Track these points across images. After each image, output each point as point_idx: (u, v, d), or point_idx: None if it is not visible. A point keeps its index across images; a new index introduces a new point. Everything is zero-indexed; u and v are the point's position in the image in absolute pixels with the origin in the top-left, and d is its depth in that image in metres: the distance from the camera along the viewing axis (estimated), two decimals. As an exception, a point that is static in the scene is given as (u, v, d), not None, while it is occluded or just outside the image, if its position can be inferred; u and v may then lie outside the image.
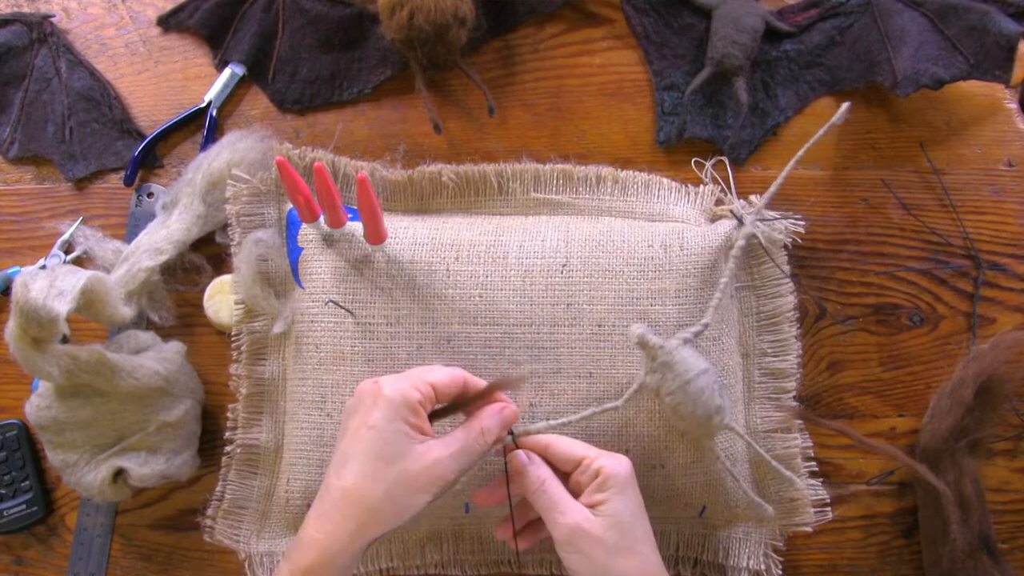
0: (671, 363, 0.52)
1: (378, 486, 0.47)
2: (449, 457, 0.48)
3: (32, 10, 0.71)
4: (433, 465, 0.47)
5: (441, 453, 0.48)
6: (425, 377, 0.50)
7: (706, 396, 0.52)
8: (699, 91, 0.68)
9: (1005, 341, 0.64)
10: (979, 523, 0.61)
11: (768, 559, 0.63)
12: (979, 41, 0.63)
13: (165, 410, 0.60)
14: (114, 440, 0.60)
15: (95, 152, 0.69)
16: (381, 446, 0.48)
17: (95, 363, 0.57)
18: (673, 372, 0.52)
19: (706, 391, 0.52)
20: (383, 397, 0.48)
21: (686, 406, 0.52)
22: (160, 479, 0.60)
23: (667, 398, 0.53)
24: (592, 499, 0.51)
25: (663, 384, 0.52)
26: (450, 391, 0.51)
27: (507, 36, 0.71)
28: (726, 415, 0.54)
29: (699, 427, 0.54)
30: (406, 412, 0.48)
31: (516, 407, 0.52)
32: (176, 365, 0.62)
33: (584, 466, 0.52)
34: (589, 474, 0.52)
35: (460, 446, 0.49)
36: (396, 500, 0.47)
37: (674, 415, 0.53)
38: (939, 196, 0.68)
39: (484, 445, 0.50)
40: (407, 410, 0.48)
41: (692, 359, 0.53)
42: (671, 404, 0.53)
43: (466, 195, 0.66)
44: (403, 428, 0.48)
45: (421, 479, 0.47)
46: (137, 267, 0.62)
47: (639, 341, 0.53)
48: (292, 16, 0.70)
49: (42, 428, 0.58)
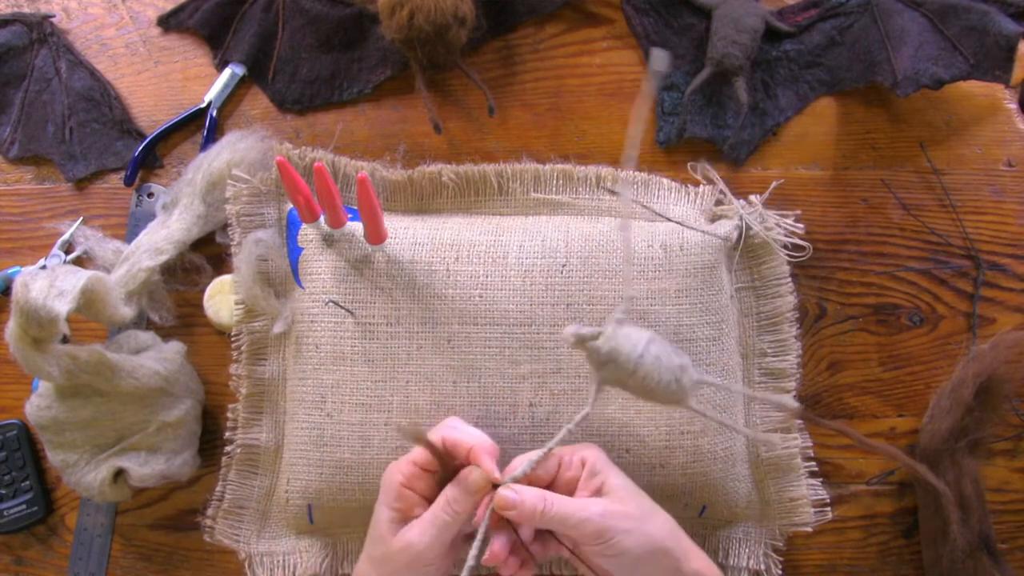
0: (616, 347, 0.49)
1: (371, 567, 0.51)
2: (419, 533, 0.49)
3: (32, 10, 0.71)
4: (407, 547, 0.49)
5: (412, 534, 0.49)
6: (409, 456, 0.52)
7: (664, 360, 0.49)
8: (699, 91, 0.68)
9: (1005, 341, 0.64)
10: (979, 523, 0.61)
11: (768, 559, 0.63)
12: (979, 41, 0.63)
13: (165, 410, 0.60)
14: (114, 440, 0.60)
15: (95, 152, 0.69)
16: (371, 529, 0.52)
17: (95, 363, 0.57)
18: (622, 354, 0.49)
19: (663, 356, 0.49)
20: (382, 482, 0.53)
21: (651, 379, 0.49)
22: (160, 479, 0.60)
23: (630, 381, 0.50)
24: (591, 485, 0.51)
25: (619, 371, 0.49)
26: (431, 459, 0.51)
27: (507, 36, 0.71)
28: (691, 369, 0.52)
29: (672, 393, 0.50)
30: (389, 498, 0.51)
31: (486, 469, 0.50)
32: (176, 365, 0.62)
33: (566, 464, 0.53)
34: (575, 466, 0.52)
35: (429, 519, 0.50)
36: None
37: (645, 394, 0.50)
38: (939, 196, 0.68)
39: (453, 514, 0.49)
40: (390, 496, 0.51)
41: (634, 333, 0.50)
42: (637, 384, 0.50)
43: (466, 195, 0.66)
44: (386, 512, 0.51)
45: (400, 559, 0.49)
46: (137, 267, 0.62)
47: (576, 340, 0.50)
48: (292, 16, 0.70)
49: (42, 428, 0.58)
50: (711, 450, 0.59)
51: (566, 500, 0.50)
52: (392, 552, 0.50)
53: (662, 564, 0.50)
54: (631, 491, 0.51)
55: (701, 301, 0.60)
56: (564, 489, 0.52)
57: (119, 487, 0.60)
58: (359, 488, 0.59)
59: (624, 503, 0.50)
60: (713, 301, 0.60)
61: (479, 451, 0.51)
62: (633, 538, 0.48)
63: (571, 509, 0.49)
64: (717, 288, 0.61)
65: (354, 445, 0.59)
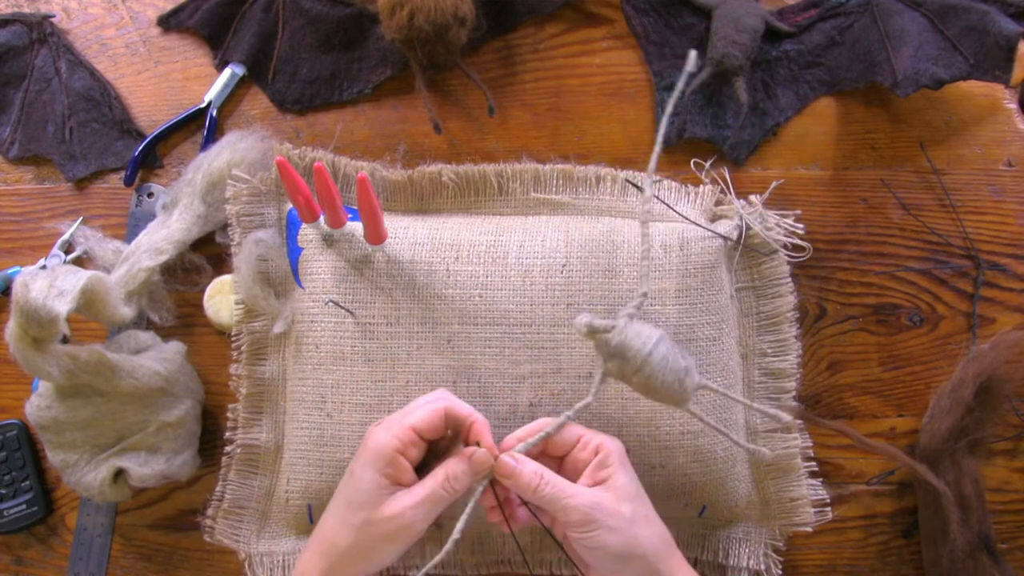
0: (625, 342, 0.50)
1: (347, 532, 0.49)
2: (414, 506, 0.48)
3: (32, 10, 0.71)
4: (398, 515, 0.48)
5: (406, 503, 0.48)
6: (406, 421, 0.50)
7: (671, 361, 0.50)
8: (699, 91, 0.68)
9: (1005, 341, 0.64)
10: (979, 523, 0.61)
11: (768, 559, 0.63)
12: (979, 41, 0.63)
13: (165, 410, 0.60)
14: (114, 440, 0.60)
15: (95, 152, 0.69)
16: (351, 493, 0.50)
17: (95, 363, 0.57)
18: (631, 350, 0.50)
19: (669, 357, 0.50)
20: (366, 446, 0.50)
21: (655, 378, 0.50)
22: (160, 479, 0.60)
23: (634, 377, 0.51)
24: (597, 476, 0.51)
25: (625, 365, 0.50)
26: (433, 427, 0.50)
27: (507, 36, 0.71)
28: (695, 372, 0.52)
29: (674, 394, 0.51)
30: (381, 463, 0.49)
31: (489, 446, 0.50)
32: (176, 365, 0.62)
33: (583, 443, 0.52)
34: (589, 450, 0.51)
35: (426, 494, 0.49)
36: (363, 547, 0.49)
37: (647, 391, 0.51)
38: (939, 196, 0.68)
39: (452, 492, 0.49)
40: (382, 461, 0.49)
41: (645, 330, 0.51)
42: (641, 381, 0.51)
43: (466, 195, 0.66)
44: (375, 477, 0.49)
45: (386, 528, 0.48)
46: (137, 267, 0.62)
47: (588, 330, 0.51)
48: (292, 16, 0.70)
49: (42, 428, 0.59)
50: (711, 450, 0.59)
51: (561, 482, 0.50)
52: (379, 519, 0.48)
53: (640, 570, 0.49)
54: (633, 494, 0.51)
55: (701, 301, 0.60)
56: (570, 468, 0.52)
57: (119, 487, 0.60)
58: (359, 488, 0.59)
59: (619, 502, 0.49)
60: (713, 301, 0.60)
61: (481, 427, 0.50)
62: (615, 536, 0.48)
63: (563, 492, 0.49)
64: (717, 288, 0.61)
65: (354, 445, 0.59)
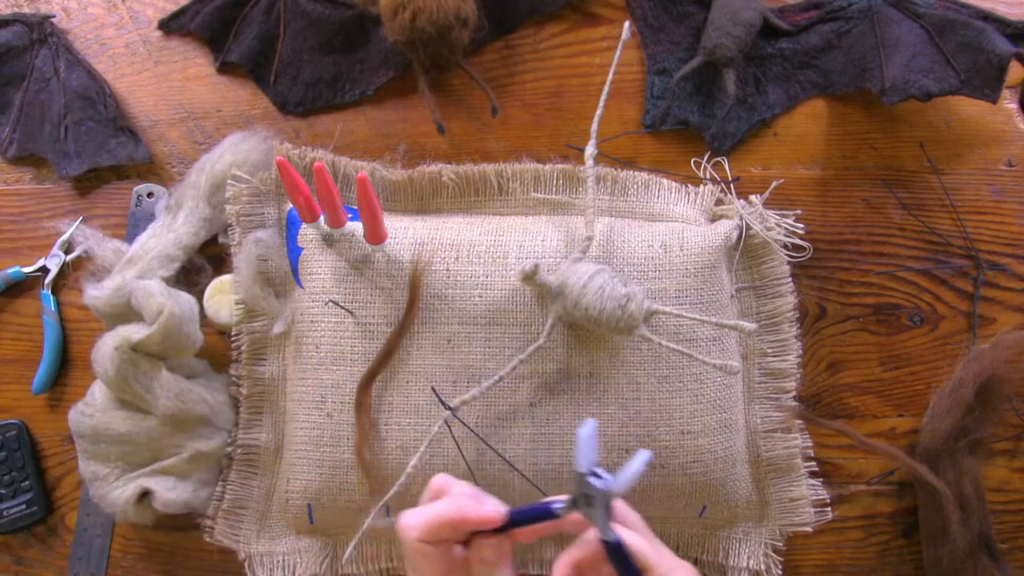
0: (566, 281, 0.51)
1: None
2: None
3: (32, 10, 0.71)
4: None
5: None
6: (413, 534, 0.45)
7: (608, 289, 0.51)
8: (689, 79, 0.68)
9: (1005, 341, 0.64)
10: (979, 523, 0.61)
11: (768, 559, 0.63)
12: (972, 58, 0.63)
13: (203, 439, 0.61)
14: (147, 460, 0.60)
15: (89, 150, 0.68)
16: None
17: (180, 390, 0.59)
18: (567, 287, 0.52)
19: (606, 286, 0.51)
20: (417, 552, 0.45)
21: (594, 307, 0.51)
22: (184, 508, 0.60)
23: (576, 312, 0.52)
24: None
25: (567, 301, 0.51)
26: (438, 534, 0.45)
27: (507, 36, 0.71)
28: (640, 299, 0.52)
29: (619, 321, 0.52)
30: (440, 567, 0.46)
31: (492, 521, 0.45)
32: (224, 396, 0.62)
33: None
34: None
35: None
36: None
37: (593, 324, 0.52)
38: (939, 196, 0.68)
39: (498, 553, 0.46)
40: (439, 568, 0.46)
41: (582, 266, 0.51)
42: (582, 313, 0.51)
43: (466, 195, 0.66)
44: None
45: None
46: (155, 280, 0.62)
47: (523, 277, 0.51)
48: (293, 18, 0.69)
49: (79, 436, 0.59)
50: (711, 450, 0.59)
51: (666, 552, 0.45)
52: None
53: None
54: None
55: (701, 301, 0.60)
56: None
57: (143, 509, 0.60)
58: (359, 488, 0.59)
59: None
60: (713, 301, 0.60)
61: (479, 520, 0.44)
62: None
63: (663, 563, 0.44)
64: (717, 288, 0.61)
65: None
